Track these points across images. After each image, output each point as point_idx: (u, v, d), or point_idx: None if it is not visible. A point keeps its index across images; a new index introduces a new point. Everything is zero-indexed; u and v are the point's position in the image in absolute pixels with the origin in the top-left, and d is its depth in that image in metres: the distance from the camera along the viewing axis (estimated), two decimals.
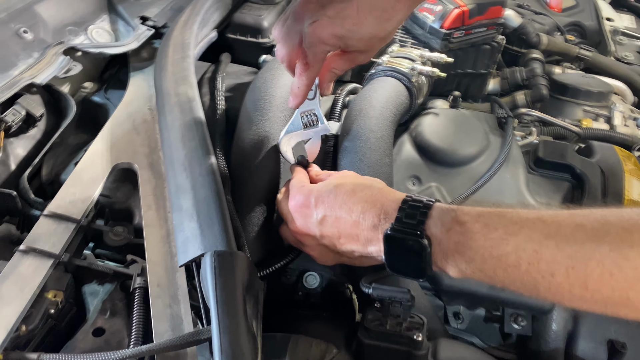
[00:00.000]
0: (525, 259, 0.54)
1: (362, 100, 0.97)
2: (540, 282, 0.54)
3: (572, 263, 0.51)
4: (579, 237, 0.52)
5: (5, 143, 0.94)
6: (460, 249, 0.59)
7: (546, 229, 0.54)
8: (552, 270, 0.53)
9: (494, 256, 0.56)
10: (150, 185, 0.88)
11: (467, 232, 0.58)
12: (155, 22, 1.22)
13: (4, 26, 1.02)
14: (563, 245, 0.52)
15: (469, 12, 1.16)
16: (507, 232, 0.56)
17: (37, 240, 0.75)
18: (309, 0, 0.67)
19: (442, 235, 0.60)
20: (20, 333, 0.67)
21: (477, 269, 0.59)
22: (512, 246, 0.55)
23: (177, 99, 0.92)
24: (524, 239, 0.55)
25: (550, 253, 0.53)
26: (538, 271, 0.54)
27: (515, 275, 0.56)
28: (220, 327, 0.59)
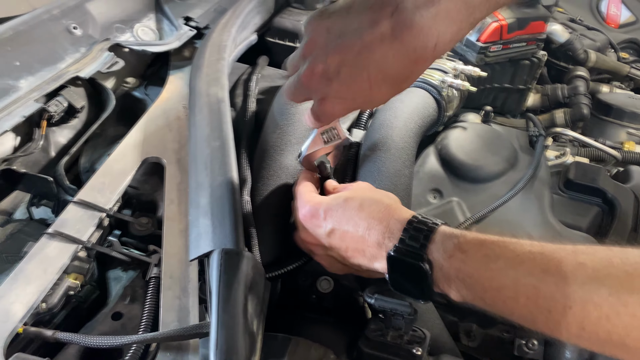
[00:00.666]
0: (524, 293, 0.54)
1: (387, 110, 0.98)
2: (538, 317, 0.54)
3: (570, 303, 0.51)
4: (579, 276, 0.51)
5: (48, 131, 1.01)
6: (461, 275, 0.59)
7: (547, 265, 0.53)
8: (549, 307, 0.52)
9: (493, 287, 0.56)
10: (175, 181, 0.91)
11: (469, 261, 0.58)
12: (197, 23, 1.27)
13: (57, 22, 1.08)
14: (562, 283, 0.51)
15: (508, 26, 1.14)
16: (508, 264, 0.56)
17: (64, 225, 0.80)
18: (314, 71, 0.59)
19: (443, 261, 0.60)
20: (40, 310, 0.72)
21: (478, 297, 0.59)
22: (512, 279, 0.55)
23: (207, 99, 0.95)
24: (524, 273, 0.54)
25: (548, 290, 0.52)
26: (536, 306, 0.53)
27: (513, 307, 0.56)
28: (218, 323, 0.61)
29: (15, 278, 0.72)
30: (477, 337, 0.94)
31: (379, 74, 0.57)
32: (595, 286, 0.50)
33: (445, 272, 0.60)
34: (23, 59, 1.00)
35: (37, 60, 1.01)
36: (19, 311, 0.69)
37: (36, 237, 0.80)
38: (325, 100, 0.63)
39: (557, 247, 0.55)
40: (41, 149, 0.98)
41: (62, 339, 0.69)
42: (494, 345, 0.94)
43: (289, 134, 0.91)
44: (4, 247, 0.88)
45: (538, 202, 0.96)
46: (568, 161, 1.09)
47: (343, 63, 0.57)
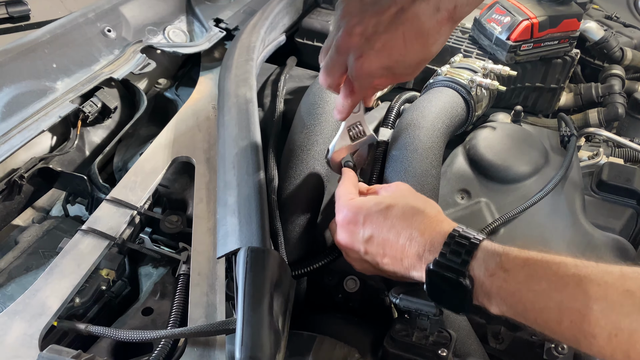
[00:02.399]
0: (568, 317, 0.53)
1: (415, 109, 0.97)
2: (582, 340, 0.53)
3: (616, 331, 0.50)
4: (627, 305, 0.50)
5: (82, 131, 1.04)
6: (503, 294, 0.59)
7: (593, 290, 0.52)
8: (594, 332, 0.52)
9: (536, 308, 0.56)
10: (205, 180, 0.93)
11: (511, 280, 0.58)
12: (227, 24, 1.29)
13: (92, 25, 1.12)
14: (608, 311, 0.51)
15: (539, 24, 1.12)
16: (552, 286, 0.55)
17: (97, 222, 0.83)
18: (353, 32, 0.64)
19: (485, 279, 0.60)
20: (74, 304, 0.74)
21: (519, 315, 0.59)
22: (556, 302, 0.54)
23: (235, 100, 0.97)
24: (569, 297, 0.54)
25: (594, 317, 0.51)
26: (580, 331, 0.53)
27: (556, 328, 0.55)
28: (244, 320, 0.62)
29: (50, 273, 0.75)
30: (505, 340, 0.93)
31: (412, 30, 0.63)
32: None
33: (486, 289, 0.60)
34: (60, 61, 1.03)
35: (73, 62, 1.05)
36: (54, 305, 0.71)
37: (71, 233, 0.83)
38: (362, 57, 0.65)
39: (603, 270, 0.54)
40: (76, 148, 1.02)
41: (94, 332, 0.71)
42: (523, 348, 0.92)
43: (316, 134, 0.92)
44: (41, 243, 0.91)
45: (569, 203, 0.94)
46: (601, 162, 1.06)
47: (380, 22, 0.63)
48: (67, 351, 0.64)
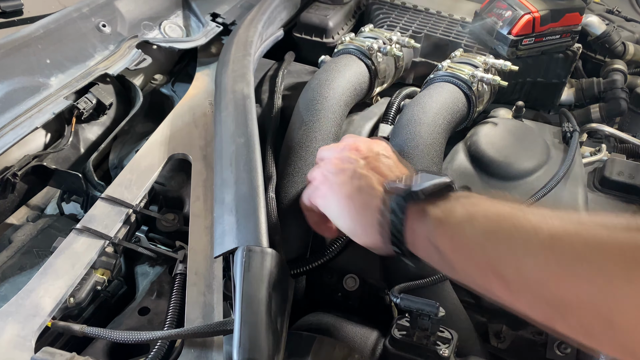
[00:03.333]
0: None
1: (415, 105, 0.96)
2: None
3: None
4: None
5: (77, 128, 1.02)
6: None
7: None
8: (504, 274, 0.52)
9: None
10: (202, 177, 0.92)
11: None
12: (224, 19, 1.27)
13: (86, 20, 1.10)
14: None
15: (541, 18, 1.11)
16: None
17: (92, 221, 0.81)
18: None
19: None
20: (68, 304, 0.73)
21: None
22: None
23: (232, 96, 0.95)
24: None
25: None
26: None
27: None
28: (242, 320, 0.61)
29: (44, 272, 0.73)
30: (507, 339, 0.92)
31: None
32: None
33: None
34: (53, 56, 1.01)
35: (67, 57, 1.03)
36: (48, 305, 0.70)
37: (66, 232, 0.81)
38: None
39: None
40: (71, 145, 1.00)
41: (89, 334, 0.70)
42: (525, 347, 0.91)
43: (314, 131, 0.91)
44: (35, 242, 0.90)
45: (572, 200, 0.93)
46: (604, 158, 1.05)
47: None
48: (61, 353, 0.62)
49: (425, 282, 0.79)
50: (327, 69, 1.02)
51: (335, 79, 0.98)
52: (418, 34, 1.24)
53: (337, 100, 0.96)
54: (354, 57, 1.05)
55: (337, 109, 0.95)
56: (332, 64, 1.03)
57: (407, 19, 1.30)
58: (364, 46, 1.06)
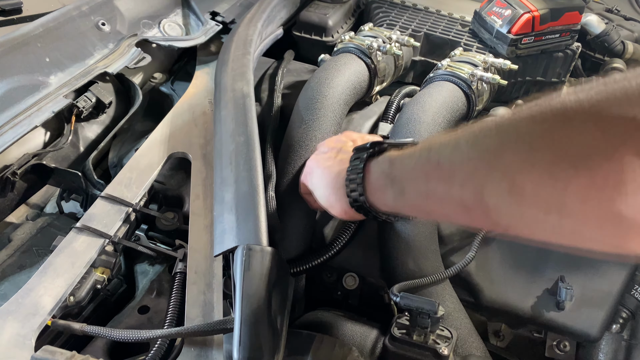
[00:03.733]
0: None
1: (415, 104, 0.96)
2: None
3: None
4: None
5: (76, 127, 1.02)
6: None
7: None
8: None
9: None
10: (201, 176, 0.92)
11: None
12: (224, 18, 1.27)
13: (86, 18, 1.10)
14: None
15: (540, 17, 1.11)
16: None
17: (92, 220, 0.81)
18: None
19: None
20: (68, 303, 0.73)
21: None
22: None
23: (232, 94, 0.95)
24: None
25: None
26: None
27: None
28: (242, 319, 0.61)
29: (44, 271, 0.73)
30: (506, 337, 0.92)
31: None
32: None
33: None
34: (53, 55, 1.01)
35: (66, 56, 1.03)
36: (48, 304, 0.70)
37: (66, 230, 0.81)
38: None
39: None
40: (70, 144, 1.00)
41: (89, 332, 0.70)
42: (524, 345, 0.92)
43: (314, 129, 0.90)
44: (35, 240, 0.90)
45: None
46: None
47: None
48: (61, 352, 0.62)
49: (425, 281, 0.79)
50: (327, 67, 1.01)
51: (334, 78, 0.98)
52: (417, 32, 1.24)
53: (336, 99, 0.96)
54: (353, 55, 1.05)
55: (336, 107, 0.95)
56: (331, 63, 1.03)
57: (406, 18, 1.30)
58: (364, 45, 1.06)
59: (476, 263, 0.87)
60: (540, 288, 0.85)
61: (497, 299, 0.86)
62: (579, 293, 0.83)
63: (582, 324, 0.82)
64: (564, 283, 0.81)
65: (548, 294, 0.84)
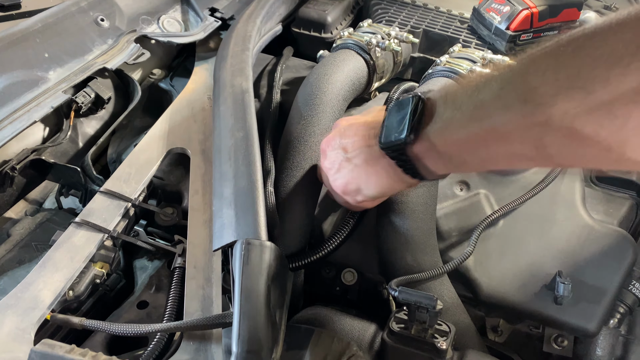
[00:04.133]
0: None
1: None
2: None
3: None
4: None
5: (75, 122, 1.02)
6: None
7: None
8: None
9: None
10: (200, 171, 0.92)
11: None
12: (223, 14, 1.27)
13: (84, 14, 1.10)
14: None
15: (539, 13, 1.11)
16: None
17: (91, 215, 0.81)
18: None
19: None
20: (67, 298, 0.73)
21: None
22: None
23: (231, 90, 0.95)
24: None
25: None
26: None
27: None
28: (240, 313, 0.61)
29: (43, 266, 0.73)
30: (504, 333, 0.93)
31: None
32: None
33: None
34: (52, 50, 1.01)
35: (65, 52, 1.03)
36: (47, 298, 0.70)
37: (64, 226, 0.82)
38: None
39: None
40: (69, 139, 1.00)
41: (88, 326, 0.70)
42: (522, 341, 0.92)
43: (313, 125, 0.91)
44: (34, 236, 0.90)
45: (569, 195, 0.93)
46: None
47: None
48: (60, 345, 0.63)
49: (424, 276, 0.79)
50: (326, 63, 1.02)
51: (333, 74, 0.98)
52: (416, 29, 1.24)
53: (335, 94, 0.96)
54: (352, 52, 1.05)
55: (335, 103, 0.95)
56: (330, 59, 1.03)
57: (405, 14, 1.30)
58: (363, 41, 1.06)
59: (474, 258, 0.87)
60: (538, 283, 0.85)
61: (495, 294, 0.86)
62: (577, 288, 0.83)
63: (579, 319, 0.82)
64: (561, 278, 0.82)
65: (546, 289, 0.84)
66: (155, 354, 0.69)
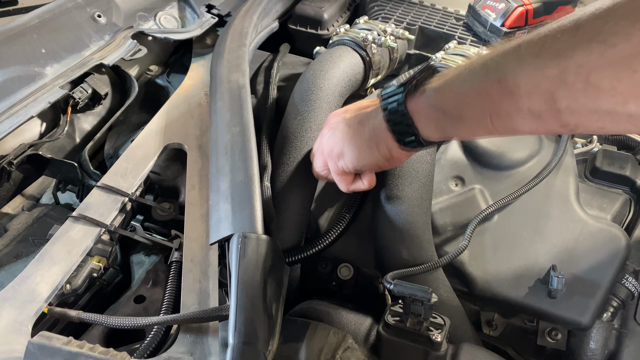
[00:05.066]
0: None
1: None
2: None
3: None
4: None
5: (72, 118, 1.03)
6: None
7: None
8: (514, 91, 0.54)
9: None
10: (197, 166, 0.92)
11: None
12: (219, 11, 1.27)
13: (81, 10, 1.10)
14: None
15: (534, 11, 1.12)
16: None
17: (88, 209, 0.82)
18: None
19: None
20: (64, 291, 0.73)
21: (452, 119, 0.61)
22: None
23: (228, 86, 0.96)
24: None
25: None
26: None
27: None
28: (237, 306, 0.62)
29: (40, 259, 0.74)
30: (499, 327, 0.93)
31: None
32: None
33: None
34: (49, 46, 1.01)
35: (62, 47, 1.03)
36: (44, 291, 0.70)
37: (62, 221, 0.82)
38: None
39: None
40: (66, 135, 1.00)
41: (85, 319, 0.71)
42: (516, 334, 0.93)
43: (309, 121, 0.91)
44: (31, 230, 0.90)
45: (563, 190, 0.94)
46: (595, 149, 1.06)
47: None
48: (57, 337, 0.63)
49: (419, 269, 0.80)
50: (322, 59, 1.02)
51: (329, 70, 0.98)
52: (412, 26, 1.25)
53: (331, 90, 0.96)
54: (348, 48, 1.06)
55: (331, 99, 0.96)
56: (326, 55, 1.03)
57: (401, 11, 1.31)
58: (359, 37, 1.06)
59: (469, 253, 0.88)
60: (532, 277, 0.86)
61: (490, 288, 0.87)
62: (571, 282, 0.84)
63: (573, 313, 0.83)
64: (555, 272, 0.82)
65: (540, 283, 0.85)
66: (152, 347, 0.69)
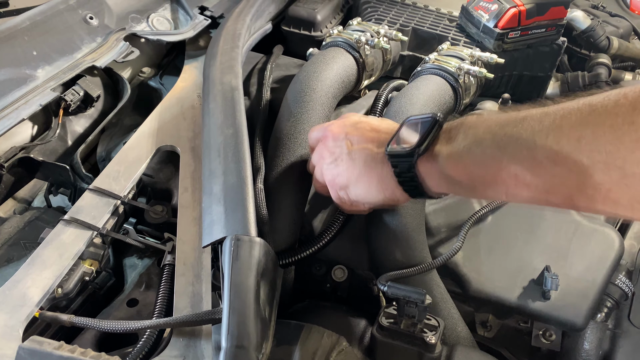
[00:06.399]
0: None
1: (403, 97, 0.97)
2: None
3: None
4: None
5: (64, 120, 1.02)
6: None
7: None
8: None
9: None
10: (190, 169, 0.92)
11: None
12: (212, 12, 1.27)
13: (73, 12, 1.09)
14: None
15: (527, 12, 1.12)
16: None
17: (80, 212, 0.81)
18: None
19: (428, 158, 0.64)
20: (56, 295, 0.73)
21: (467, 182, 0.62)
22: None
23: (221, 87, 0.95)
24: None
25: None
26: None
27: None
28: (230, 308, 0.61)
29: (31, 263, 0.73)
30: (493, 328, 0.93)
31: None
32: None
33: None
34: (40, 48, 1.01)
35: (54, 49, 1.02)
36: (36, 295, 0.70)
37: (53, 224, 0.81)
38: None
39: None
40: (58, 137, 0.99)
41: (77, 324, 0.70)
42: (511, 335, 0.93)
43: (302, 122, 0.91)
44: (22, 234, 0.89)
45: None
46: None
47: None
48: (49, 342, 0.62)
49: (412, 271, 0.80)
50: (315, 61, 1.02)
51: (323, 71, 0.98)
52: (405, 27, 1.25)
53: (325, 92, 0.96)
54: (342, 49, 1.06)
55: (325, 101, 0.96)
56: (320, 57, 1.03)
57: (394, 13, 1.31)
58: (352, 39, 1.06)
59: (463, 254, 0.88)
60: (526, 278, 0.86)
61: (484, 289, 0.87)
62: (565, 283, 0.84)
63: (567, 314, 0.83)
64: (549, 273, 0.82)
65: (534, 284, 0.85)
66: (145, 351, 0.69)
